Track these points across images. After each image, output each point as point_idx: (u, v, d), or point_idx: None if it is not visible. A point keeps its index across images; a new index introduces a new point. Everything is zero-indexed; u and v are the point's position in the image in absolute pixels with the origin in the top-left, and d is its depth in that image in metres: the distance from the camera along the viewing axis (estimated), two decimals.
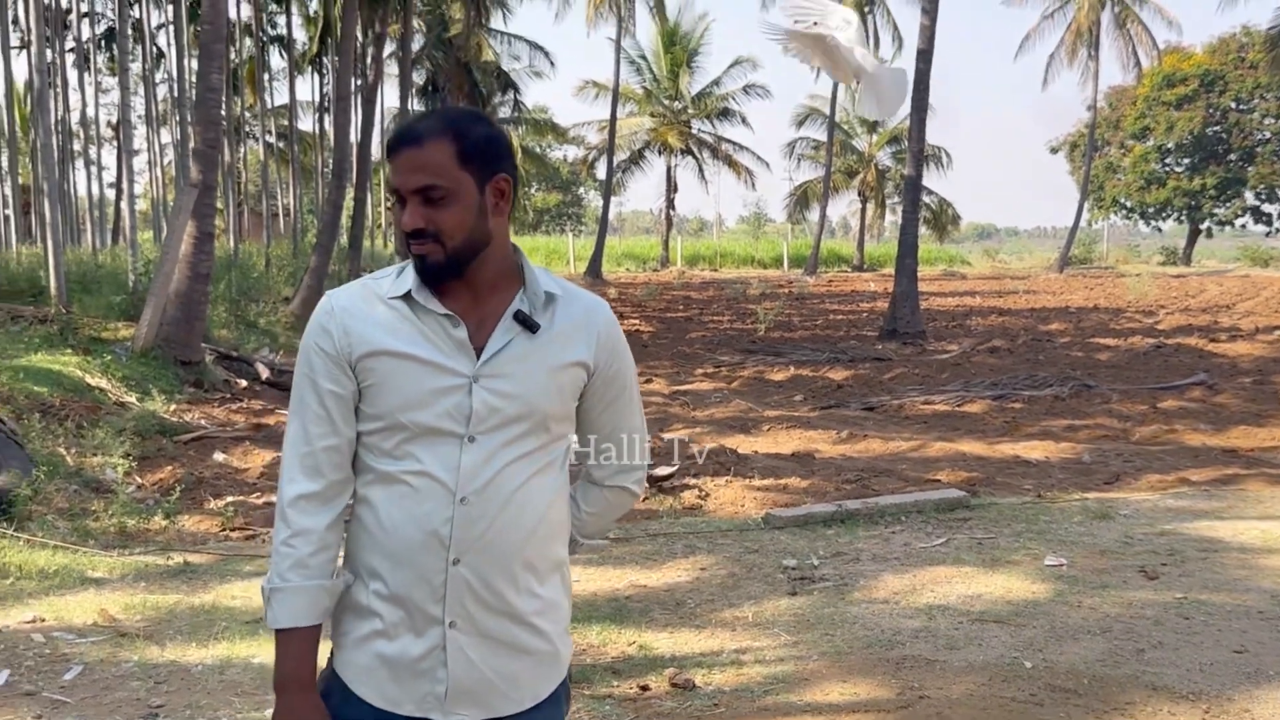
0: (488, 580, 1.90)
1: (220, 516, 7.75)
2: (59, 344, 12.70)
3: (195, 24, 28.12)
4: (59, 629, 5.03)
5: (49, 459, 8.55)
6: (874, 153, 55.46)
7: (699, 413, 12.37)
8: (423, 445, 1.90)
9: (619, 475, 2.15)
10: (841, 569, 6.05)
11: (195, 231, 13.72)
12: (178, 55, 25.73)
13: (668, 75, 52.91)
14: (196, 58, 19.83)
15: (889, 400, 13.25)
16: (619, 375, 2.05)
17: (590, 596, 5.64)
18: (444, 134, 1.88)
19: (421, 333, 1.91)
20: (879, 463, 9.47)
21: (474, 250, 1.91)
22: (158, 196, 30.56)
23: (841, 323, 24.82)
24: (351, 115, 25.54)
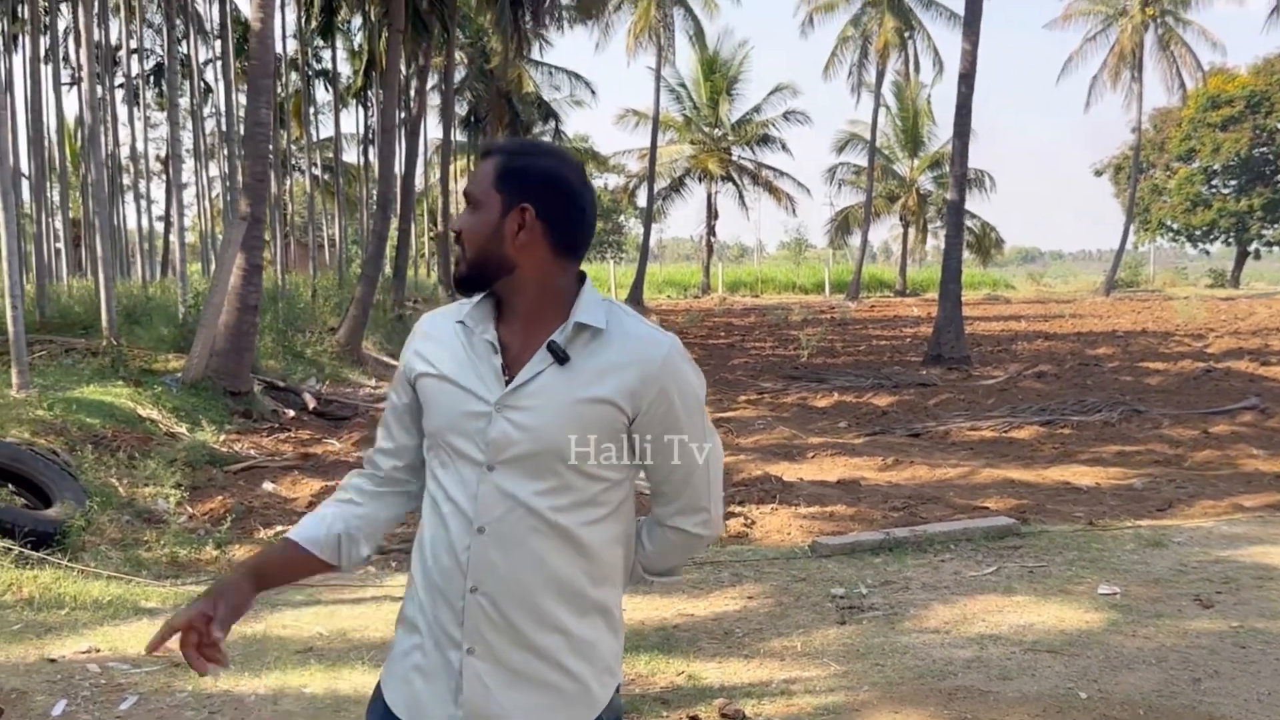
0: (504, 612, 1.91)
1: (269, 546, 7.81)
2: (110, 376, 12.90)
3: (242, 59, 28.59)
4: (114, 659, 5.09)
5: (102, 490, 8.67)
6: (915, 177, 55.33)
7: (743, 439, 12.35)
8: (453, 469, 1.95)
9: (677, 517, 2.07)
10: (891, 598, 6.01)
11: (244, 264, 13.91)
12: (225, 90, 26.16)
13: (708, 103, 53.12)
14: (244, 92, 20.16)
15: (935, 426, 13.17)
16: (671, 416, 1.95)
17: (638, 625, 5.64)
18: (497, 154, 1.98)
19: (469, 357, 1.96)
20: (926, 490, 9.40)
21: (490, 269, 1.95)
22: (206, 229, 31.01)
23: (885, 348, 24.71)
24: (396, 147, 25.82)
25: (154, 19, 35.93)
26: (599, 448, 1.92)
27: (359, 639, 5.47)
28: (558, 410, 1.90)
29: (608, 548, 1.98)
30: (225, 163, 27.76)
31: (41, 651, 5.19)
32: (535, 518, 1.90)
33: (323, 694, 4.67)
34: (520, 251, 1.94)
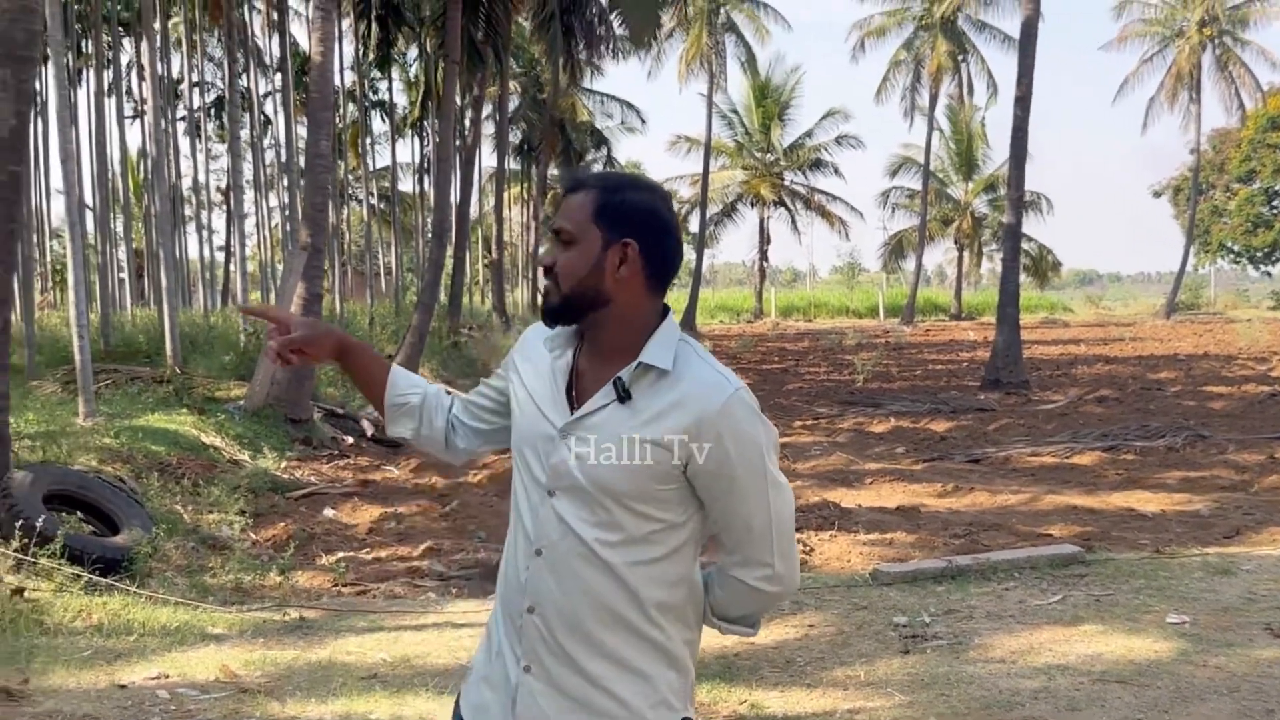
0: (556, 635, 1.93)
1: (332, 572, 7.90)
2: (174, 404, 13.11)
3: (300, 91, 29.09)
4: (183, 685, 5.16)
5: (167, 517, 8.82)
6: (970, 200, 54.97)
7: (799, 465, 12.29)
8: (523, 488, 2.00)
9: (738, 568, 2.02)
10: (955, 627, 5.95)
11: (304, 293, 14.10)
12: (284, 121, 26.60)
13: (759, 128, 53.20)
14: (303, 124, 20.46)
15: (994, 452, 13.04)
16: (727, 465, 1.91)
17: (699, 654, 5.61)
18: (593, 188, 1.97)
19: (550, 378, 2.01)
20: (987, 516, 9.31)
21: (585, 303, 1.95)
22: (266, 258, 31.47)
23: (941, 373, 24.52)
24: (451, 176, 26.10)
25: (215, 53, 36.65)
26: (649, 489, 1.91)
27: (422, 665, 5.51)
28: (610, 446, 1.91)
29: (663, 587, 1.95)
30: (285, 193, 28.21)
31: (112, 678, 5.27)
32: (585, 548, 1.91)
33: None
34: (618, 286, 1.95)
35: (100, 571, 7.13)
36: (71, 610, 6.35)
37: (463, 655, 5.59)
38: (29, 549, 6.97)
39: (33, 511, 7.35)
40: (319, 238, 14.52)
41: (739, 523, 1.97)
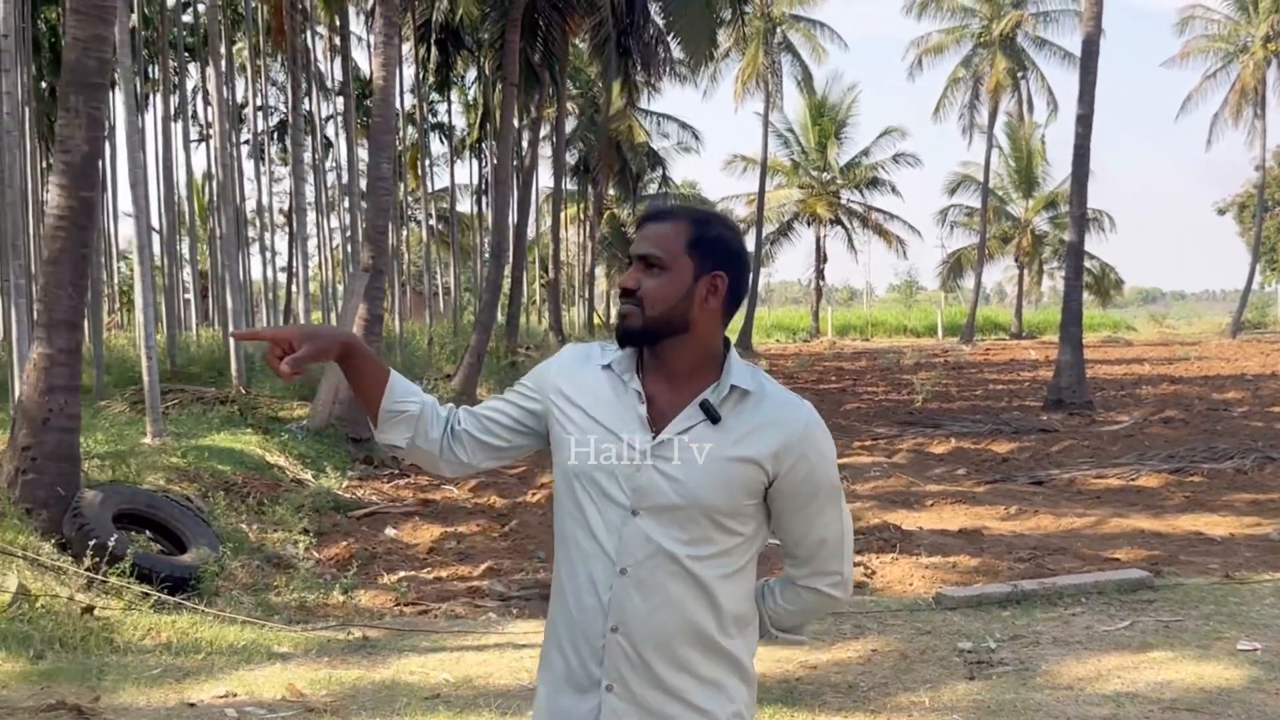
0: (641, 652, 1.99)
1: (394, 591, 7.97)
2: (239, 423, 13.31)
3: (362, 114, 29.49)
4: (250, 704, 5.23)
5: (233, 535, 8.95)
6: (1030, 218, 54.39)
7: (859, 486, 12.21)
8: (596, 508, 2.02)
9: (813, 578, 2.15)
10: (1021, 652, 5.87)
11: (366, 313, 14.27)
12: (346, 144, 26.98)
13: (816, 147, 53.05)
14: (365, 147, 20.72)
15: (1058, 474, 12.86)
16: (809, 481, 2.04)
17: (760, 677, 5.56)
18: (686, 219, 2.07)
19: (615, 401, 2.05)
20: (1052, 540, 9.18)
21: (669, 328, 2.02)
22: (327, 279, 31.87)
23: (1002, 393, 24.25)
24: (509, 197, 26.30)
25: (278, 77, 37.26)
26: (739, 504, 2.01)
27: (484, 686, 5.53)
28: (705, 466, 1.98)
29: (739, 600, 2.05)
30: (346, 214, 28.57)
31: (181, 696, 5.35)
32: (675, 564, 1.98)
33: None
34: (702, 314, 2.04)
35: (168, 590, 7.25)
36: (141, 628, 6.46)
37: (524, 676, 5.61)
38: (99, 567, 7.10)
39: (103, 530, 7.50)
40: (380, 259, 14.69)
41: (815, 534, 2.10)
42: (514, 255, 25.73)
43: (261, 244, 32.39)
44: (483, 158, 38.48)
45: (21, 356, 10.07)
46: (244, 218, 31.46)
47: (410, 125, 35.45)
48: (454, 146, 38.80)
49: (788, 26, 46.46)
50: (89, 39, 8.13)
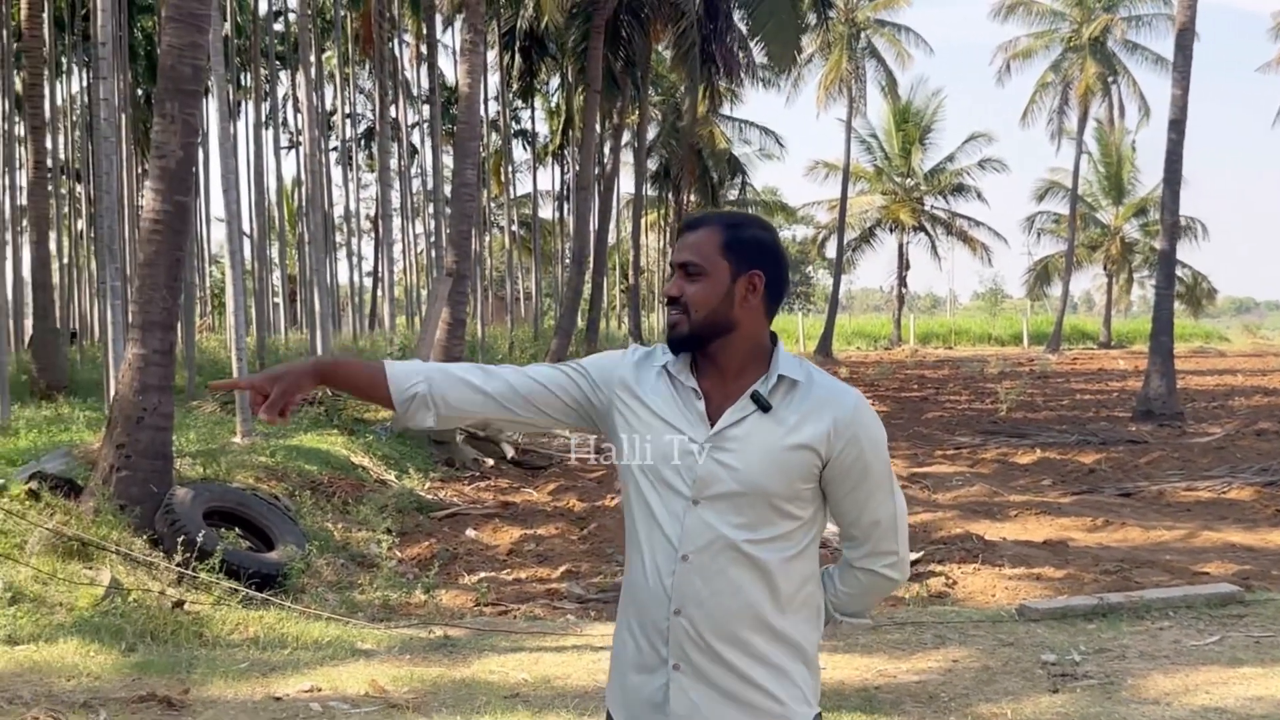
0: (704, 635, 2.09)
1: (474, 592, 8.06)
2: (325, 424, 13.55)
3: (447, 121, 29.88)
4: (334, 698, 5.33)
5: (319, 534, 9.11)
6: (1119, 225, 53.29)
7: (940, 496, 12.06)
8: (659, 499, 2.13)
9: (869, 559, 2.23)
10: (1106, 666, 5.76)
11: (449, 317, 14.45)
12: (431, 151, 27.34)
13: (899, 153, 52.55)
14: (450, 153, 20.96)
15: (1147, 486, 12.58)
16: (860, 463, 2.12)
17: (838, 685, 5.56)
18: (718, 225, 2.17)
19: (674, 399, 2.16)
20: (1139, 553, 8.99)
21: (715, 330, 2.13)
22: (411, 284, 32.30)
23: (1090, 403, 23.78)
24: (591, 204, 26.45)
25: (365, 85, 37.91)
26: (796, 488, 2.11)
27: (563, 686, 5.57)
28: (760, 453, 2.09)
29: (798, 583, 2.14)
30: (430, 220, 28.96)
31: (267, 689, 5.46)
32: (735, 550, 2.08)
33: None
34: (744, 313, 2.14)
35: (256, 586, 7.40)
36: (229, 623, 6.61)
37: (601, 678, 5.64)
38: (189, 563, 7.29)
39: (194, 527, 7.69)
40: (464, 263, 14.88)
41: (869, 515, 2.18)
42: (595, 261, 25.89)
43: (348, 249, 32.93)
44: (565, 164, 38.76)
45: (117, 356, 10.37)
46: (331, 223, 32.05)
47: (494, 132, 35.84)
48: (536, 153, 39.16)
49: (872, 31, 46.10)
50: (184, 46, 8.35)
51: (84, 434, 11.71)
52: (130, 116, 25.65)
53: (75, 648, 5.95)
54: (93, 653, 5.91)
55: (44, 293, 18.50)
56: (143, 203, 9.18)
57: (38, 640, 6.06)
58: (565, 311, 22.65)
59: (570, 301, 22.97)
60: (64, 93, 28.97)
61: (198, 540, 7.45)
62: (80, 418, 13.70)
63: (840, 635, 6.48)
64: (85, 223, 28.89)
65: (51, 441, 11.14)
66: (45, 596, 6.67)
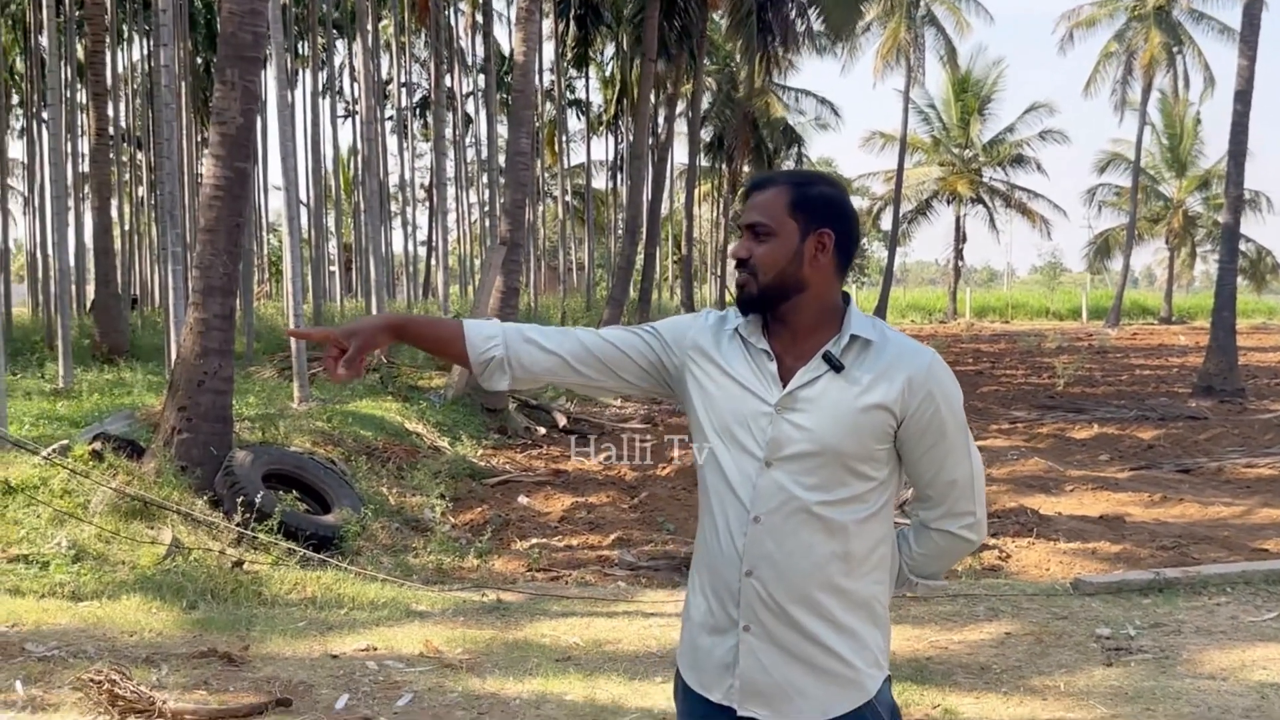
0: (776, 596, 2.07)
1: (526, 557, 8.13)
2: (380, 391, 13.70)
3: (502, 90, 29.90)
4: (390, 658, 5.41)
5: (374, 498, 9.23)
6: (1182, 198, 52.30)
7: (995, 470, 11.96)
8: (731, 461, 2.11)
9: (944, 520, 2.19)
10: (1161, 641, 5.71)
11: (503, 286, 14.51)
12: (486, 120, 27.42)
13: (957, 123, 51.87)
14: (504, 123, 20.99)
15: (1206, 462, 12.40)
16: (936, 421, 2.09)
17: (890, 655, 5.55)
18: (785, 184, 2.14)
19: (746, 361, 2.14)
20: (1197, 529, 8.88)
21: (784, 290, 2.11)
22: (465, 253, 32.44)
23: (1149, 378, 23.43)
24: (644, 174, 26.38)
25: (421, 54, 38.01)
26: (870, 449, 2.07)
27: (613, 651, 5.62)
28: (833, 414, 2.06)
29: (872, 545, 2.12)
30: (485, 190, 29.04)
31: (324, 647, 5.56)
32: (807, 511, 2.06)
33: (581, 701, 4.82)
34: (814, 272, 2.12)
35: (313, 547, 7.53)
36: (287, 583, 6.73)
37: (652, 644, 5.68)
38: (248, 524, 7.42)
39: (253, 489, 7.82)
40: (517, 233, 14.91)
41: (945, 475, 2.14)
42: (647, 231, 25.84)
43: (403, 218, 33.17)
44: (619, 134, 38.68)
45: (178, 321, 10.54)
46: (387, 192, 32.25)
47: (549, 101, 35.82)
48: (591, 123, 39.10)
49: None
50: (245, 13, 8.43)
51: (145, 397, 11.93)
52: (190, 84, 25.92)
53: (138, 604, 6.09)
54: (154, 609, 6.05)
55: (106, 258, 18.82)
56: (203, 170, 9.30)
57: (101, 597, 6.21)
58: (617, 282, 22.65)
59: (622, 272, 22.96)
60: (125, 60, 29.37)
61: (257, 502, 7.57)
62: (142, 381, 13.95)
63: (893, 604, 6.45)
64: (146, 189, 29.30)
65: (114, 404, 11.36)
66: (108, 554, 6.83)
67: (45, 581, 6.33)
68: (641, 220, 24.57)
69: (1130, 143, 48.04)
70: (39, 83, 26.04)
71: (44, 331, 19.81)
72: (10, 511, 7.12)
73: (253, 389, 13.04)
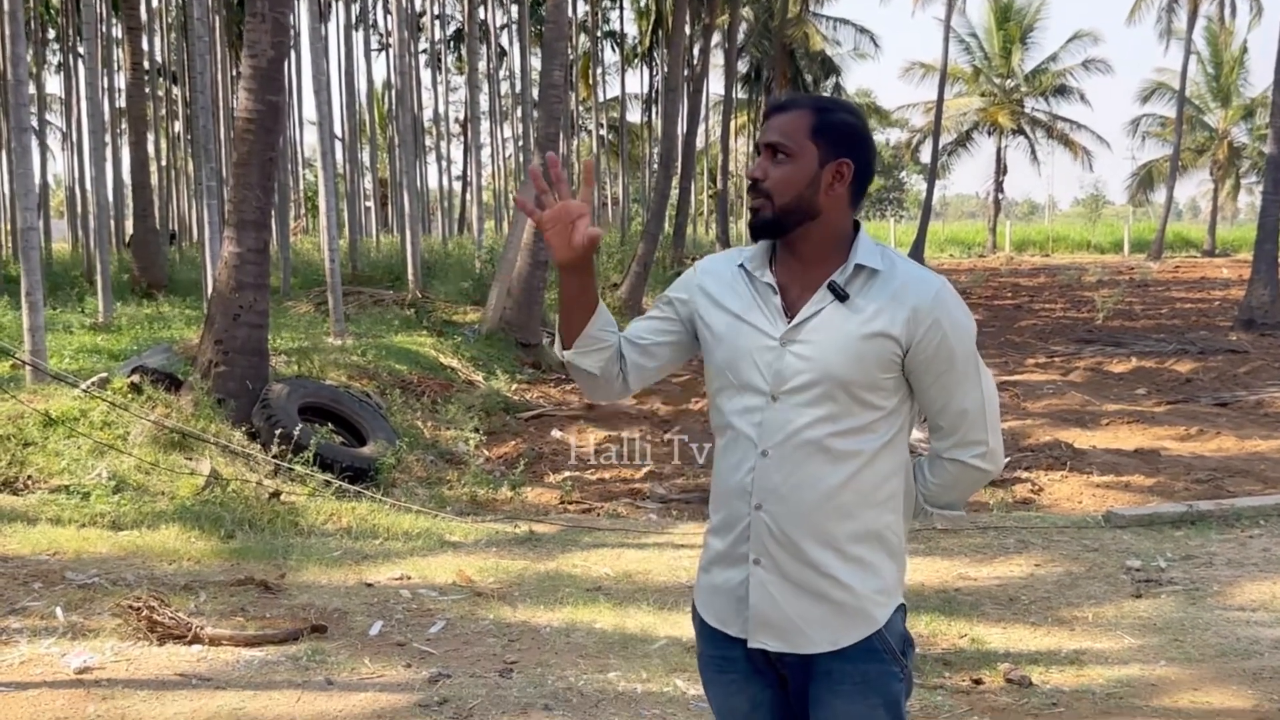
0: (784, 529, 2.07)
1: (559, 490, 8.20)
2: (415, 325, 13.78)
3: (535, 23, 29.64)
4: (423, 586, 5.49)
5: (409, 431, 9.32)
6: (1227, 128, 51.27)
7: (1031, 404, 11.91)
8: (739, 399, 2.10)
9: (956, 449, 2.16)
10: (1192, 573, 5.70)
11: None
12: (520, 53, 27.19)
13: (999, 53, 50.94)
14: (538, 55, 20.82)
15: (1244, 396, 12.28)
16: (943, 350, 2.06)
17: (918, 586, 5.58)
18: (808, 108, 2.10)
19: (753, 297, 2.12)
20: (1233, 462, 8.81)
21: (799, 216, 2.08)
22: (499, 188, 32.36)
23: (1190, 311, 23.16)
24: (679, 106, 26.13)
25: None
26: (875, 378, 2.06)
27: (643, 581, 5.68)
28: (838, 343, 2.04)
29: (883, 474, 2.10)
30: (519, 124, 28.90)
31: (359, 576, 5.65)
32: (814, 443, 2.05)
33: (611, 630, 4.89)
34: (829, 200, 2.09)
35: (349, 479, 7.62)
36: (323, 514, 6.83)
37: (682, 575, 5.73)
38: (285, 455, 7.52)
39: (289, 421, 7.91)
40: None
41: (955, 404, 2.12)
42: (682, 165, 25.64)
43: (438, 153, 33.09)
44: (653, 66, 38.27)
45: (214, 255, 10.61)
46: (421, 126, 32.16)
47: (583, 33, 35.45)
48: (625, 55, 38.69)
49: None
50: None
51: (183, 331, 12.06)
52: (224, 18, 25.87)
53: (176, 534, 6.20)
54: (193, 539, 6.16)
55: (143, 193, 18.93)
56: (235, 104, 9.29)
57: (140, 526, 6.33)
58: (652, 216, 22.53)
59: (657, 206, 22.82)
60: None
61: (293, 434, 7.67)
62: (180, 316, 14.10)
63: (923, 536, 6.49)
64: (182, 125, 29.37)
65: (153, 338, 11.49)
66: (148, 485, 6.95)
67: (86, 511, 6.46)
68: (676, 154, 24.37)
69: (1175, 72, 46.98)
70: (74, 17, 26.06)
71: (83, 266, 20.02)
72: (51, 443, 7.25)
73: (289, 323, 13.15)
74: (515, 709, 4.05)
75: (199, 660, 4.43)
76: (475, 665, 4.48)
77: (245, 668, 4.36)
